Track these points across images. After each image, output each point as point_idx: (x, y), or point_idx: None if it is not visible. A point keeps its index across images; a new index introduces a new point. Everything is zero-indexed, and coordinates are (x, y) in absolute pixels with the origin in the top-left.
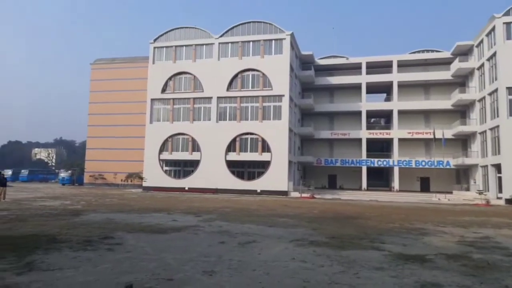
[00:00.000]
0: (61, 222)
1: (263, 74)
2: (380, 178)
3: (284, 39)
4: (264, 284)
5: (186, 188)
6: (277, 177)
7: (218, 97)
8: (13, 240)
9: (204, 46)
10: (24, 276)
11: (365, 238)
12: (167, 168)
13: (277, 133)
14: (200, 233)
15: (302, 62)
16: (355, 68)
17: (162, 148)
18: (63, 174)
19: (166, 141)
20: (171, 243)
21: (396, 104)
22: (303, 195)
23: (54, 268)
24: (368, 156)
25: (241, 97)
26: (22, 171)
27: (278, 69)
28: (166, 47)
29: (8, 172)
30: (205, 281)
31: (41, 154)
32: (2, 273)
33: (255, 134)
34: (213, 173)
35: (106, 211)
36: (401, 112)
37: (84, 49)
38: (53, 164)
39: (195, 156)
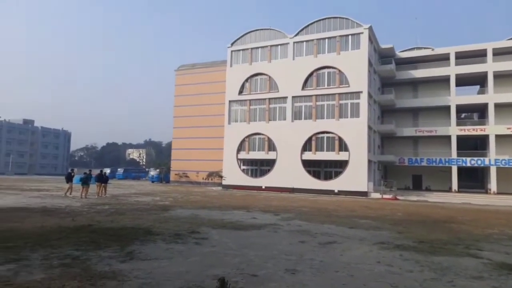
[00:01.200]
0: (154, 216)
1: (340, 71)
2: (473, 179)
3: (362, 33)
4: (348, 286)
5: (263, 187)
6: (355, 177)
7: (293, 97)
8: (116, 231)
9: (279, 46)
10: (127, 264)
11: (459, 244)
12: (244, 167)
13: (355, 131)
14: (279, 232)
15: (382, 56)
16: (441, 60)
17: (240, 148)
18: (152, 172)
19: (243, 141)
20: (252, 240)
21: (492, 97)
22: (385, 196)
23: (150, 258)
24: (459, 154)
25: (316, 95)
26: (118, 169)
27: (355, 65)
28: (243, 50)
29: (107, 171)
30: (288, 279)
31: (133, 154)
32: (109, 260)
33: (332, 133)
34: (289, 173)
35: (191, 207)
36: (498, 106)
37: (174, 56)
38: (144, 163)
39: (271, 155)
